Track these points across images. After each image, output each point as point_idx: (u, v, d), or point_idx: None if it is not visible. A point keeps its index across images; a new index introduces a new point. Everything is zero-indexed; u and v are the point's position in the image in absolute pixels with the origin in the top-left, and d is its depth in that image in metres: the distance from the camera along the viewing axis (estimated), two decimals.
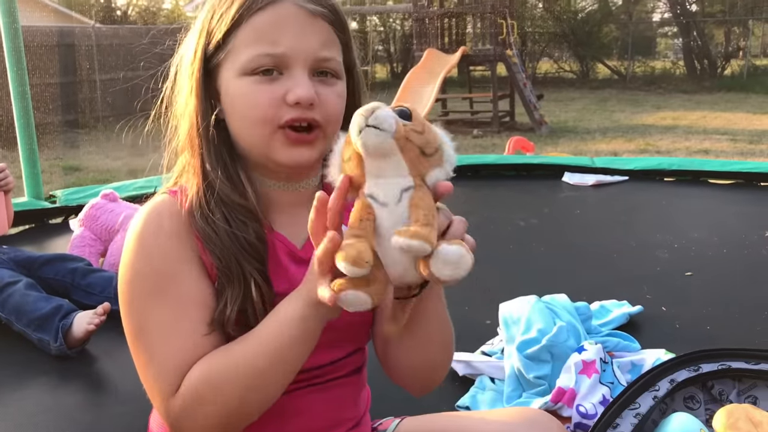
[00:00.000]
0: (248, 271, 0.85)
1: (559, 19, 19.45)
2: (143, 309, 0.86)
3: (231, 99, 0.88)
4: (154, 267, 0.86)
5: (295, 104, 0.85)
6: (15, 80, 3.54)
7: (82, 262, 2.39)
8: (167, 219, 0.87)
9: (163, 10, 27.51)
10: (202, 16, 0.90)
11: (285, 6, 0.85)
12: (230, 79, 0.87)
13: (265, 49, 0.84)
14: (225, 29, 0.86)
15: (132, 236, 0.88)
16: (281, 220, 0.92)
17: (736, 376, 1.47)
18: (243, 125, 0.88)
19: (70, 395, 1.87)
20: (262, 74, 0.85)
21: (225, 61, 0.87)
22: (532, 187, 4.19)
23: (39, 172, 3.73)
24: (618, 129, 9.96)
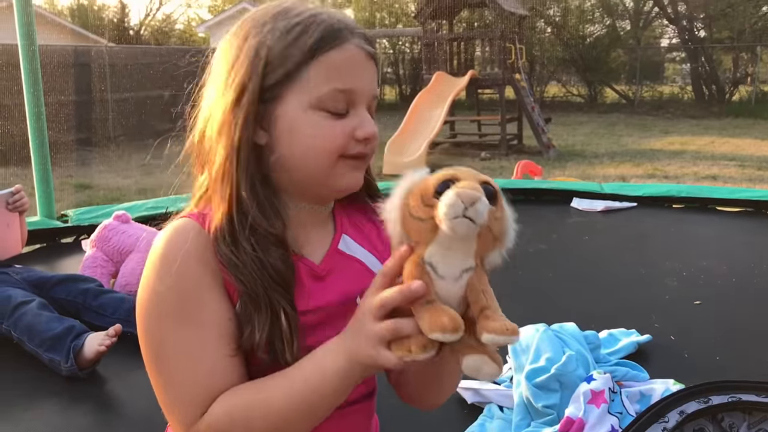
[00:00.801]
0: (275, 299, 0.86)
1: (567, 44, 19.56)
2: (164, 331, 0.86)
3: (295, 130, 0.88)
4: (177, 289, 0.86)
5: (363, 140, 0.90)
6: (31, 101, 3.59)
7: (94, 282, 2.41)
8: (192, 242, 0.88)
9: (176, 31, 27.83)
10: (249, 45, 0.88)
11: (351, 46, 0.88)
12: (296, 110, 0.88)
13: (339, 86, 0.87)
14: (298, 61, 0.86)
15: (154, 257, 0.88)
16: (301, 237, 0.94)
17: (746, 409, 1.46)
18: (305, 156, 0.89)
19: (81, 416, 1.88)
20: (333, 112, 0.88)
21: (289, 93, 0.88)
22: (540, 212, 4.20)
23: (52, 191, 3.77)
24: (626, 153, 9.98)
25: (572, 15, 20.42)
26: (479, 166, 9.01)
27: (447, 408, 1.83)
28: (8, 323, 2.12)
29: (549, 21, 20.37)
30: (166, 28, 27.10)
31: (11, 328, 2.11)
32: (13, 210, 2.50)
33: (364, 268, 0.99)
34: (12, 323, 2.11)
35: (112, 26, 23.95)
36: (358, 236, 1.01)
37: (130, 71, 12.10)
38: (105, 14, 25.53)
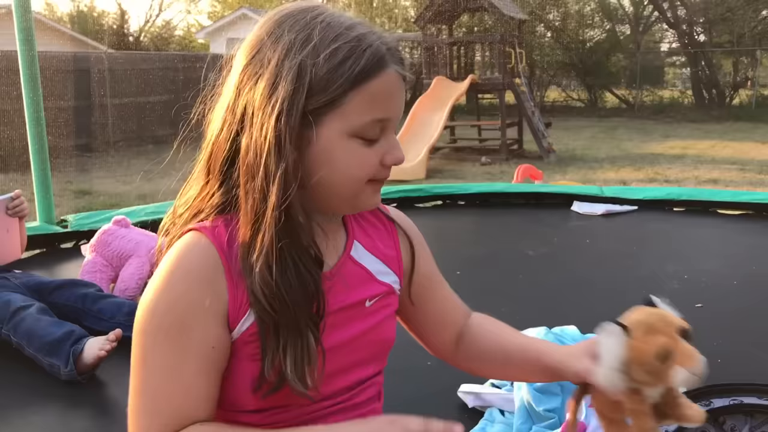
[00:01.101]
0: (304, 322, 0.86)
1: (567, 48, 19.60)
2: (150, 344, 0.87)
3: (331, 156, 0.87)
4: (172, 309, 0.86)
5: (390, 165, 0.91)
6: (30, 106, 3.59)
7: (93, 287, 2.41)
8: (197, 262, 0.87)
9: (175, 37, 27.89)
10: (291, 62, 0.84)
11: (391, 74, 0.87)
12: (335, 136, 0.86)
13: (379, 116, 0.87)
14: (342, 89, 0.84)
15: (159, 273, 0.88)
16: (320, 245, 0.93)
17: (748, 412, 1.46)
18: (342, 180, 0.89)
19: (80, 420, 1.87)
20: (368, 139, 0.88)
21: (330, 118, 0.86)
22: (541, 216, 4.19)
23: (51, 197, 3.76)
24: (626, 158, 9.98)
25: (572, 19, 20.46)
26: (480, 171, 9.01)
27: (448, 412, 1.82)
28: (7, 328, 2.11)
29: (549, 25, 20.41)
30: (165, 35, 27.16)
31: (10, 333, 2.10)
32: (12, 215, 2.50)
33: (369, 276, 1.00)
34: (11, 328, 2.10)
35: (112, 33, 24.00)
36: (368, 242, 1.02)
37: (129, 77, 12.12)
38: (105, 21, 25.61)
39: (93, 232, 2.93)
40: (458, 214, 4.34)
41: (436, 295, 1.12)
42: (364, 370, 0.99)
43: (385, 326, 1.01)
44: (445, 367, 2.10)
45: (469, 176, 8.65)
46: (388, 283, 1.02)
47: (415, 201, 4.41)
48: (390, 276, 1.03)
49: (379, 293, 1.00)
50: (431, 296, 1.11)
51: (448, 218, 4.24)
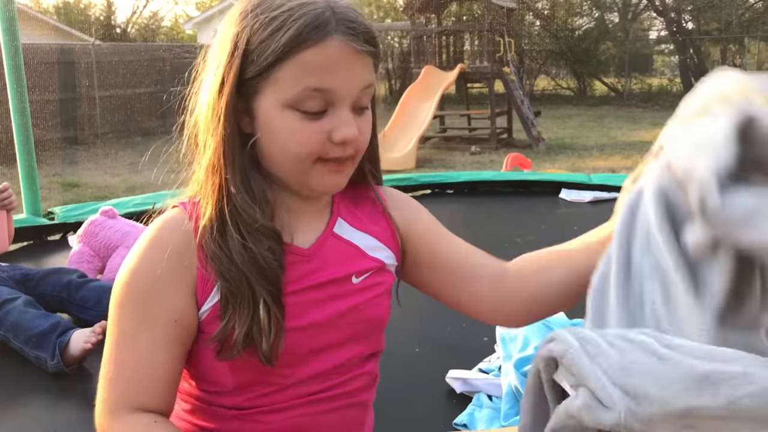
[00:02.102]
0: (258, 291, 0.85)
1: (556, 37, 19.60)
2: (117, 313, 0.89)
3: (271, 128, 0.86)
4: (137, 279, 0.88)
5: (339, 143, 0.86)
6: (15, 97, 3.56)
7: (75, 273, 2.40)
8: (169, 235, 0.89)
9: (163, 28, 27.69)
10: (231, 33, 0.85)
11: (334, 44, 0.82)
12: (271, 108, 0.85)
13: (313, 85, 0.83)
14: (271, 59, 0.82)
15: (135, 246, 0.91)
16: (292, 223, 0.93)
17: None
18: (282, 155, 0.87)
19: (68, 412, 1.87)
20: (308, 112, 0.84)
21: (265, 89, 0.84)
22: (529, 203, 4.20)
23: (38, 189, 3.74)
24: (615, 146, 10.01)
25: (561, 8, 20.45)
26: (469, 161, 9.02)
27: (436, 398, 1.83)
28: None
29: (538, 14, 20.39)
30: (153, 26, 26.96)
31: None
32: (0, 208, 2.48)
33: (357, 251, 0.98)
34: None
35: (99, 24, 23.80)
36: (354, 219, 1.00)
37: (116, 68, 12.03)
38: (91, 12, 25.38)
39: (80, 224, 2.92)
40: (447, 202, 4.35)
41: (448, 244, 1.04)
42: (351, 350, 0.97)
43: (375, 304, 0.98)
44: (433, 353, 2.11)
45: (458, 165, 8.65)
46: (380, 258, 0.99)
47: (404, 190, 4.38)
48: (383, 251, 1.00)
49: (368, 269, 0.97)
50: (442, 248, 1.03)
51: (437, 207, 4.21)
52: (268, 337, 0.85)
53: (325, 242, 0.95)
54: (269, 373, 0.89)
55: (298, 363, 0.91)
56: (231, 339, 0.85)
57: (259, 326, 0.85)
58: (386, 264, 1.00)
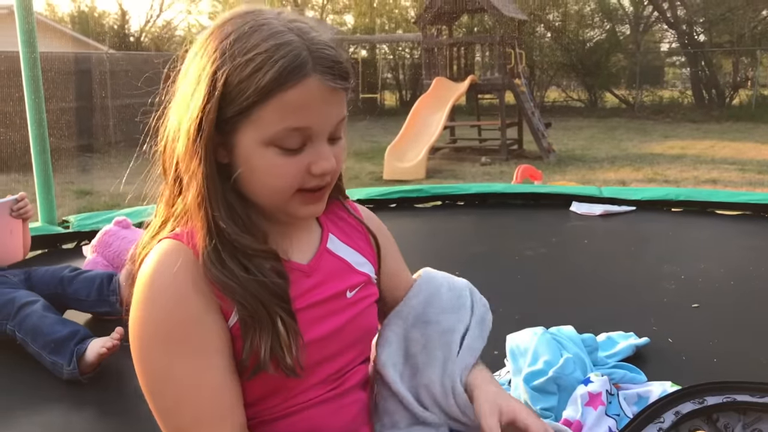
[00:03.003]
0: (273, 311, 0.88)
1: (567, 49, 19.60)
2: (165, 357, 0.86)
3: (251, 164, 0.88)
4: (173, 315, 0.86)
5: (318, 175, 0.89)
6: (32, 107, 3.61)
7: (67, 268, 2.42)
8: (179, 265, 0.88)
9: (176, 37, 27.90)
10: (207, 71, 0.86)
11: (312, 83, 0.85)
12: (251, 145, 0.87)
13: (293, 125, 0.86)
14: (252, 100, 0.84)
15: (144, 285, 0.89)
16: (285, 244, 0.97)
17: (741, 410, 1.47)
18: (264, 189, 0.90)
19: (81, 421, 1.88)
20: (287, 148, 0.87)
21: (245, 127, 0.87)
22: (539, 216, 4.21)
23: (53, 198, 3.78)
24: (626, 158, 10.00)
25: (572, 20, 20.47)
26: (480, 172, 9.03)
27: None
28: (13, 324, 2.13)
29: (549, 26, 20.41)
30: (166, 35, 27.16)
31: (15, 329, 2.12)
32: (17, 217, 2.52)
33: (348, 267, 1.03)
34: (17, 324, 2.12)
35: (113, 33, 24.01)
36: (342, 235, 1.06)
37: (130, 77, 12.13)
38: (105, 21, 25.61)
39: (94, 232, 2.95)
40: (457, 214, 4.36)
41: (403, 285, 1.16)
42: (347, 356, 1.03)
43: (367, 315, 1.04)
44: None
45: (468, 176, 8.66)
46: (366, 273, 1.05)
47: (415, 201, 4.43)
48: (367, 266, 1.07)
49: (359, 283, 1.03)
50: (397, 285, 1.15)
51: (448, 218, 4.26)
52: (290, 351, 0.88)
53: (321, 258, 1.00)
54: (280, 386, 0.93)
55: (306, 374, 0.95)
56: (256, 358, 0.88)
57: (280, 342, 0.87)
58: (371, 277, 1.07)
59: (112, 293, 2.23)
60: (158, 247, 0.91)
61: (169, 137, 0.92)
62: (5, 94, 9.46)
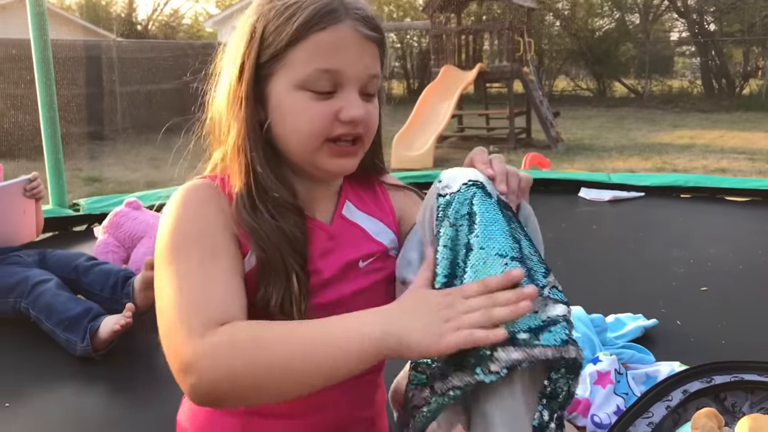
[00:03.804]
0: (290, 264, 0.89)
1: (576, 37, 19.50)
2: (181, 255, 0.86)
3: (283, 109, 0.91)
4: (194, 222, 0.89)
5: (348, 122, 0.90)
6: (43, 90, 3.63)
7: (83, 257, 2.44)
8: (211, 194, 0.92)
9: (183, 26, 27.89)
10: (249, 23, 0.92)
11: (343, 28, 0.89)
12: (283, 90, 0.90)
13: (323, 66, 0.88)
14: (285, 42, 0.88)
15: (173, 204, 0.91)
16: (312, 207, 0.98)
17: (748, 388, 1.48)
18: (293, 135, 0.92)
19: (94, 396, 1.91)
20: (318, 92, 0.89)
21: (279, 72, 0.90)
22: (548, 202, 4.21)
23: (64, 181, 3.81)
24: (635, 147, 9.96)
25: (581, 8, 20.34)
26: None
27: None
28: (27, 301, 2.16)
29: (558, 14, 20.30)
30: (173, 23, 27.16)
31: (30, 307, 2.15)
32: (30, 197, 2.54)
33: (365, 235, 1.02)
34: (30, 302, 2.15)
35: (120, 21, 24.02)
36: (359, 203, 1.05)
37: (138, 65, 12.16)
38: (113, 9, 25.63)
39: (105, 215, 2.97)
40: None
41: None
42: None
43: (378, 290, 1.00)
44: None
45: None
46: (383, 243, 1.02)
47: (423, 188, 4.41)
48: (387, 234, 1.04)
49: (373, 253, 1.01)
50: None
51: None
52: (299, 306, 0.89)
53: (338, 223, 1.00)
54: None
55: None
56: (266, 307, 0.89)
57: (291, 295, 0.89)
58: (388, 249, 1.03)
59: (126, 296, 2.22)
60: (187, 183, 0.95)
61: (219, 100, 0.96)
62: (12, 81, 9.51)
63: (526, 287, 0.78)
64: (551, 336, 0.79)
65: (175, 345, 0.79)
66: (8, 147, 9.03)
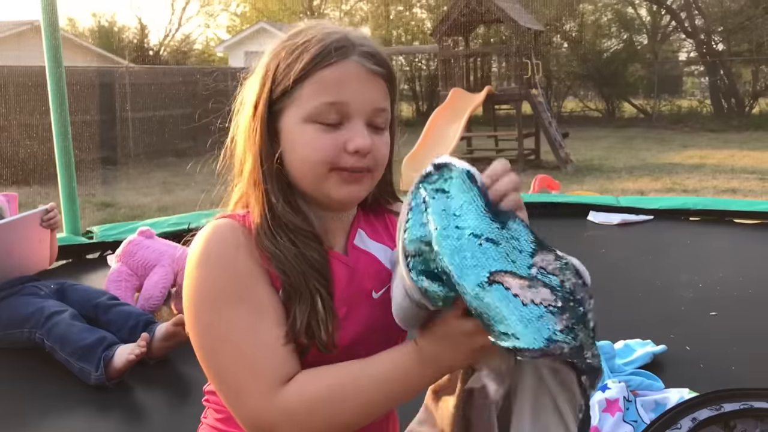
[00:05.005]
0: (313, 287, 0.92)
1: (584, 59, 19.57)
2: (224, 316, 0.89)
3: (293, 142, 0.95)
4: (232, 275, 0.91)
5: (354, 152, 0.94)
6: (58, 121, 3.69)
7: (105, 295, 2.46)
8: (234, 235, 0.94)
9: (194, 51, 28.21)
10: (263, 63, 0.98)
11: (349, 64, 0.94)
12: (293, 124, 0.95)
13: (329, 99, 0.93)
14: (293, 79, 0.93)
15: (198, 252, 0.93)
16: (326, 238, 1.00)
17: (758, 416, 1.48)
18: (303, 165, 0.95)
19: (107, 425, 1.93)
20: (325, 124, 0.94)
21: (289, 107, 0.95)
22: (557, 225, 4.21)
23: (77, 209, 3.86)
24: (644, 167, 9.95)
25: (588, 30, 20.44)
26: None
27: None
28: (42, 332, 2.19)
29: (565, 36, 20.41)
30: (185, 48, 27.48)
31: (44, 337, 2.18)
32: (46, 227, 2.59)
33: (377, 262, 1.04)
34: (45, 332, 2.18)
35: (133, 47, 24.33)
36: (372, 232, 1.07)
37: (151, 91, 12.30)
38: (125, 35, 25.98)
39: (118, 242, 3.01)
40: None
41: None
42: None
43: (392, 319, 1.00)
44: None
45: None
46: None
47: None
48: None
49: (386, 281, 1.01)
50: None
51: None
52: (325, 326, 0.91)
53: (352, 254, 1.03)
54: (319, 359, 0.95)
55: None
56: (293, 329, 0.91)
57: (317, 317, 0.91)
58: None
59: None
60: (210, 224, 0.97)
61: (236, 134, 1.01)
62: (28, 108, 9.65)
63: None
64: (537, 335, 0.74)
65: (249, 409, 0.88)
66: (24, 175, 9.14)
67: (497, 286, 0.75)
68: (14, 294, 2.36)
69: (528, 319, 0.74)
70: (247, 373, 0.88)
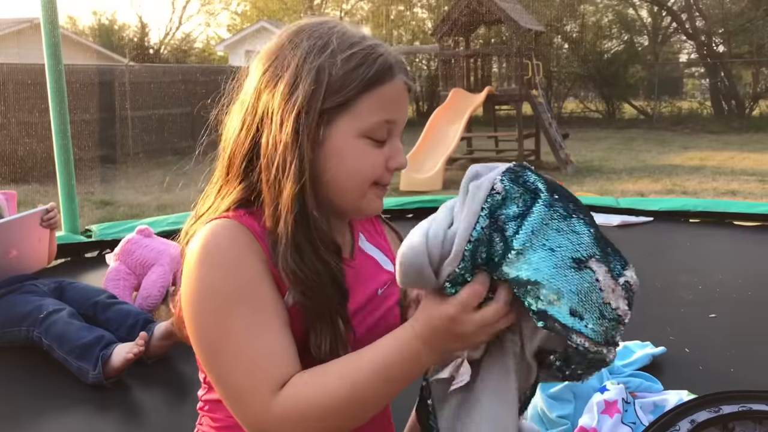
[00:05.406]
0: (333, 307, 0.91)
1: (584, 60, 19.57)
2: (224, 318, 0.87)
3: (341, 154, 0.92)
4: (234, 276, 0.89)
5: (393, 169, 0.96)
6: (57, 119, 3.69)
7: (104, 294, 2.45)
8: (236, 234, 0.91)
9: (195, 49, 28.21)
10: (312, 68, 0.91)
11: (399, 82, 0.95)
12: (345, 135, 0.92)
13: (387, 117, 0.93)
14: (353, 93, 0.91)
15: (199, 253, 0.90)
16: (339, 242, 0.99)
17: (757, 419, 1.48)
18: (348, 179, 0.94)
19: (104, 424, 1.93)
20: (375, 140, 0.94)
21: (341, 118, 0.92)
22: None
23: (76, 207, 3.86)
24: (644, 169, 9.95)
25: (589, 31, 20.45)
26: None
27: None
28: (39, 330, 2.18)
29: (566, 37, 20.41)
30: (185, 47, 27.47)
31: (42, 335, 2.18)
32: (46, 226, 2.58)
33: (377, 265, 1.06)
34: (43, 330, 2.17)
35: (133, 45, 24.33)
36: (367, 235, 1.09)
37: (150, 89, 12.30)
38: (125, 34, 25.97)
39: (116, 241, 3.01)
40: None
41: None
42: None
43: (393, 313, 1.02)
44: None
45: None
46: (390, 271, 1.06)
47: (432, 212, 4.44)
48: (389, 264, 1.08)
49: (387, 280, 1.05)
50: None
51: None
52: (344, 345, 0.91)
53: (358, 256, 1.04)
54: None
55: None
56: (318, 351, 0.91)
57: (338, 338, 0.91)
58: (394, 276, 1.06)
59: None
60: (210, 223, 0.93)
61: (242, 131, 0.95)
62: (26, 106, 9.64)
63: None
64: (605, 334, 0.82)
65: (250, 413, 0.87)
66: (23, 173, 9.14)
67: (588, 271, 0.80)
68: (12, 292, 2.36)
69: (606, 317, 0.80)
70: (247, 377, 0.86)
